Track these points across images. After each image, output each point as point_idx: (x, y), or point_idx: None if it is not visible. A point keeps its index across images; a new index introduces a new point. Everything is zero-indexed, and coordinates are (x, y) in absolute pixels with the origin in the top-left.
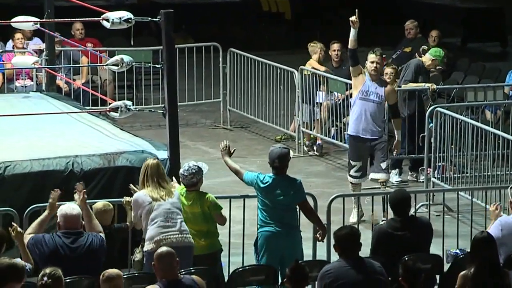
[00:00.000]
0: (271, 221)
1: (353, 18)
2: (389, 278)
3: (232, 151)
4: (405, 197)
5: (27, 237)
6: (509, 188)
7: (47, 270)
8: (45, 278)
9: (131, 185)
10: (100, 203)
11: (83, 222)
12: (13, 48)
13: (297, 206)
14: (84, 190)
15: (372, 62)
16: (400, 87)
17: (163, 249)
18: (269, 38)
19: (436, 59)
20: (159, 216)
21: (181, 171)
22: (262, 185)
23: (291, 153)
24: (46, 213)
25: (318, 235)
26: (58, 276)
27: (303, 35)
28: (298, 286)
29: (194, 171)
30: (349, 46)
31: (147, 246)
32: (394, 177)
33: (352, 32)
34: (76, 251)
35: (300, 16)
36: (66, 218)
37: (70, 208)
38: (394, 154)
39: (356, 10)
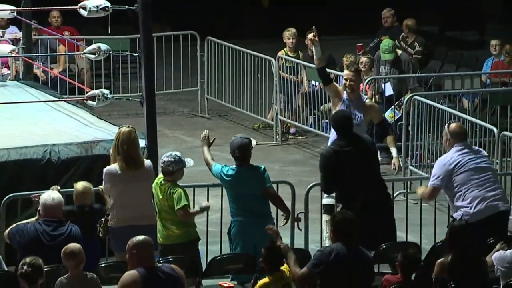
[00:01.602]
0: (242, 212)
1: (310, 35)
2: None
3: (211, 141)
4: (346, 115)
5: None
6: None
7: (27, 259)
8: (25, 267)
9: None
10: (79, 184)
11: None
12: None
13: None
14: None
15: (346, 80)
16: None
17: (140, 237)
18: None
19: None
20: (124, 195)
21: (162, 156)
22: (226, 179)
23: (254, 142)
24: None
25: (283, 221)
26: (38, 265)
27: (281, 24)
28: (273, 266)
29: (172, 159)
30: (316, 66)
31: (111, 222)
32: None
33: (314, 51)
34: (56, 239)
35: (277, 4)
36: (46, 207)
37: (51, 196)
38: (395, 173)
39: (313, 26)
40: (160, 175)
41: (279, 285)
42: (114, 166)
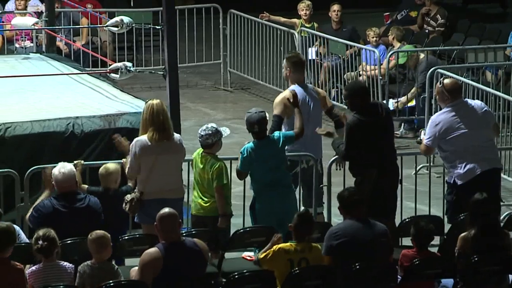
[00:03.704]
0: (264, 185)
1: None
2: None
3: None
4: (362, 85)
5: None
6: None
7: (40, 233)
8: (40, 242)
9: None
10: (105, 167)
11: None
12: (13, 9)
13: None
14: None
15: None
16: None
17: (165, 210)
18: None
19: None
20: (154, 166)
21: (199, 130)
22: (247, 154)
23: (267, 115)
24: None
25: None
26: (52, 236)
27: None
28: (302, 234)
29: (210, 131)
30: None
31: (138, 194)
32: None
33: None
34: (74, 212)
35: None
36: (58, 181)
37: (60, 170)
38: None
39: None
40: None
41: (297, 256)
42: (144, 137)
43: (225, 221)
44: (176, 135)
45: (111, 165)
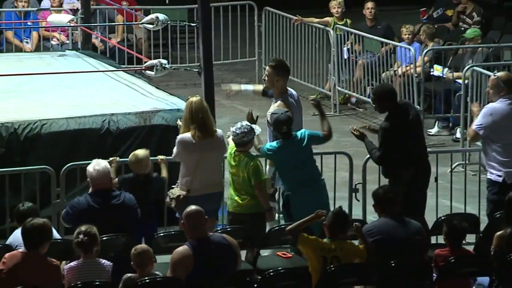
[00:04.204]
0: (294, 182)
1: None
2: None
3: (255, 118)
4: (390, 88)
5: None
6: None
7: (82, 228)
8: (81, 236)
9: (178, 120)
10: (135, 153)
11: None
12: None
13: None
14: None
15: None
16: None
17: (192, 207)
18: None
19: None
20: (199, 163)
21: (232, 129)
22: (274, 154)
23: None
24: None
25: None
26: (94, 233)
27: None
28: (336, 232)
29: (246, 130)
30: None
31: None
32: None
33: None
34: (109, 209)
35: None
36: (93, 178)
37: (95, 168)
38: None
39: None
40: (231, 144)
41: (330, 254)
42: (187, 135)
43: (272, 216)
44: (219, 131)
45: (140, 151)
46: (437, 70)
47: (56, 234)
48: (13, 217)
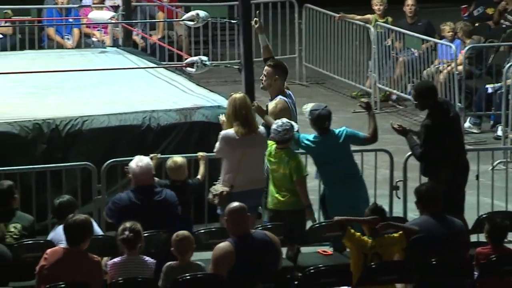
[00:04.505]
0: (332, 177)
1: (253, 23)
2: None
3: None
4: (430, 85)
5: None
6: None
7: (127, 224)
8: (126, 232)
9: (220, 115)
10: (172, 160)
11: None
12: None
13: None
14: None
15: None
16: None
17: (235, 204)
18: None
19: None
20: (242, 159)
21: (274, 126)
22: (313, 148)
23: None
24: None
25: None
26: (138, 229)
27: None
28: (375, 229)
29: (287, 127)
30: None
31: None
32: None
33: (260, 39)
34: (150, 205)
35: None
36: (135, 175)
37: (138, 164)
38: None
39: (257, 12)
40: (270, 142)
41: (371, 251)
42: (231, 131)
43: (311, 213)
44: (261, 128)
45: (179, 158)
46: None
47: (98, 230)
48: (52, 211)
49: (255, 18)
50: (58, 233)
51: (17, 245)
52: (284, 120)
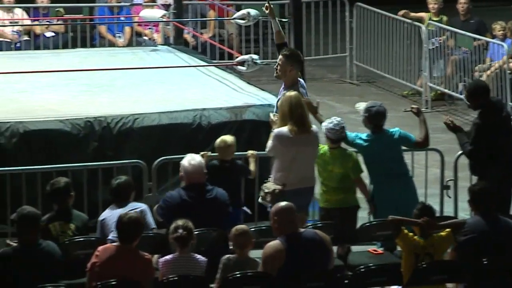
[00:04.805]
0: (383, 176)
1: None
2: None
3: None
4: (483, 85)
5: None
6: None
7: (179, 222)
8: (180, 230)
9: (271, 114)
10: (221, 139)
11: None
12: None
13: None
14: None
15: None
16: None
17: (283, 203)
18: None
19: None
20: (295, 158)
21: (329, 125)
22: (365, 146)
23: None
24: None
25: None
26: (191, 227)
27: None
28: (424, 229)
29: (342, 125)
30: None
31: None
32: None
33: (272, 24)
34: (201, 203)
35: None
36: (187, 172)
37: (191, 160)
38: None
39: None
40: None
41: (423, 252)
42: (284, 129)
43: (373, 208)
44: (314, 127)
45: (229, 137)
46: None
47: (151, 222)
48: (110, 191)
49: (266, 4)
50: (114, 215)
51: (69, 242)
52: (337, 118)
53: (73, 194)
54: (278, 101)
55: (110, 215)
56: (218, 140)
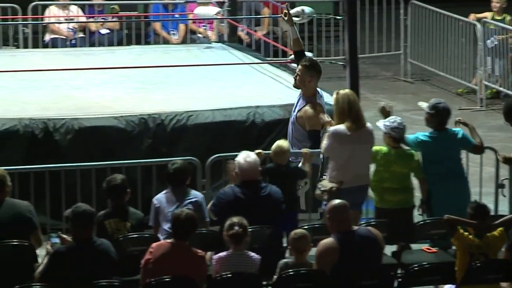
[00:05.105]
0: (440, 176)
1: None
2: None
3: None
4: None
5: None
6: None
7: (235, 220)
8: (236, 228)
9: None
10: (277, 143)
11: None
12: None
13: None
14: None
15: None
16: None
17: (336, 201)
18: None
19: None
20: (352, 156)
21: (392, 124)
22: (426, 143)
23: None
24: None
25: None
26: (246, 224)
27: None
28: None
29: (404, 124)
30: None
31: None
32: None
33: (290, 31)
34: (255, 201)
35: None
36: (242, 169)
37: (245, 159)
38: None
39: (286, 4)
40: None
41: (477, 251)
42: (341, 127)
43: (424, 208)
44: (369, 124)
45: (284, 142)
46: None
47: (206, 216)
48: (166, 176)
49: (284, 11)
50: (169, 202)
51: (122, 238)
52: (398, 118)
53: (129, 191)
54: (296, 111)
55: (165, 200)
56: (274, 146)
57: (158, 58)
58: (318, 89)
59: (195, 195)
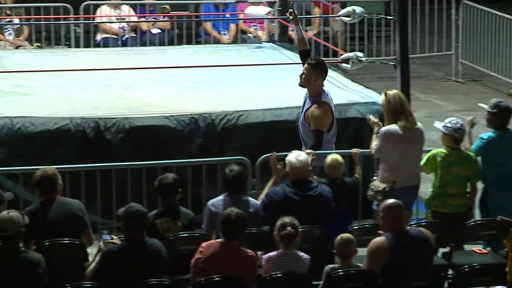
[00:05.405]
0: (498, 178)
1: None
2: None
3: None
4: None
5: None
6: None
7: (286, 220)
8: (289, 228)
9: (371, 116)
10: (330, 157)
11: None
12: None
13: None
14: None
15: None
16: None
17: (391, 201)
18: None
19: None
20: (404, 155)
21: (454, 126)
22: (486, 144)
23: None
24: (271, 180)
25: None
26: (297, 225)
27: None
28: None
29: (464, 125)
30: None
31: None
32: None
33: (295, 30)
34: (306, 200)
35: None
36: (292, 168)
37: (298, 157)
38: None
39: (292, 2)
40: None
41: None
42: (394, 127)
43: (472, 215)
44: (419, 124)
45: (339, 156)
46: None
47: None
48: (223, 182)
49: (290, 10)
50: (225, 204)
51: (173, 237)
52: (456, 119)
53: (180, 191)
54: (304, 111)
55: (223, 207)
56: (330, 159)
57: (208, 58)
58: (324, 87)
59: (254, 205)
